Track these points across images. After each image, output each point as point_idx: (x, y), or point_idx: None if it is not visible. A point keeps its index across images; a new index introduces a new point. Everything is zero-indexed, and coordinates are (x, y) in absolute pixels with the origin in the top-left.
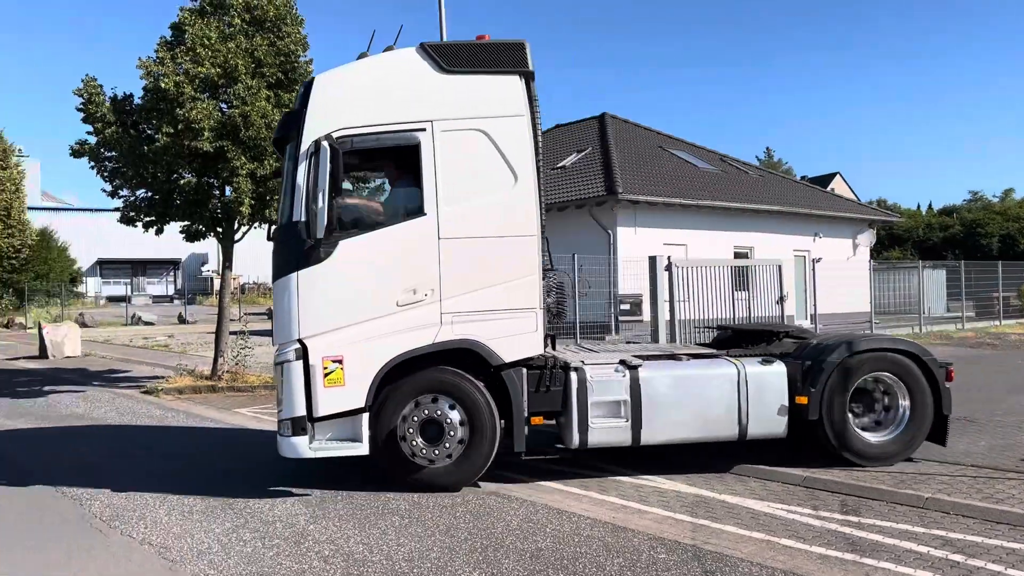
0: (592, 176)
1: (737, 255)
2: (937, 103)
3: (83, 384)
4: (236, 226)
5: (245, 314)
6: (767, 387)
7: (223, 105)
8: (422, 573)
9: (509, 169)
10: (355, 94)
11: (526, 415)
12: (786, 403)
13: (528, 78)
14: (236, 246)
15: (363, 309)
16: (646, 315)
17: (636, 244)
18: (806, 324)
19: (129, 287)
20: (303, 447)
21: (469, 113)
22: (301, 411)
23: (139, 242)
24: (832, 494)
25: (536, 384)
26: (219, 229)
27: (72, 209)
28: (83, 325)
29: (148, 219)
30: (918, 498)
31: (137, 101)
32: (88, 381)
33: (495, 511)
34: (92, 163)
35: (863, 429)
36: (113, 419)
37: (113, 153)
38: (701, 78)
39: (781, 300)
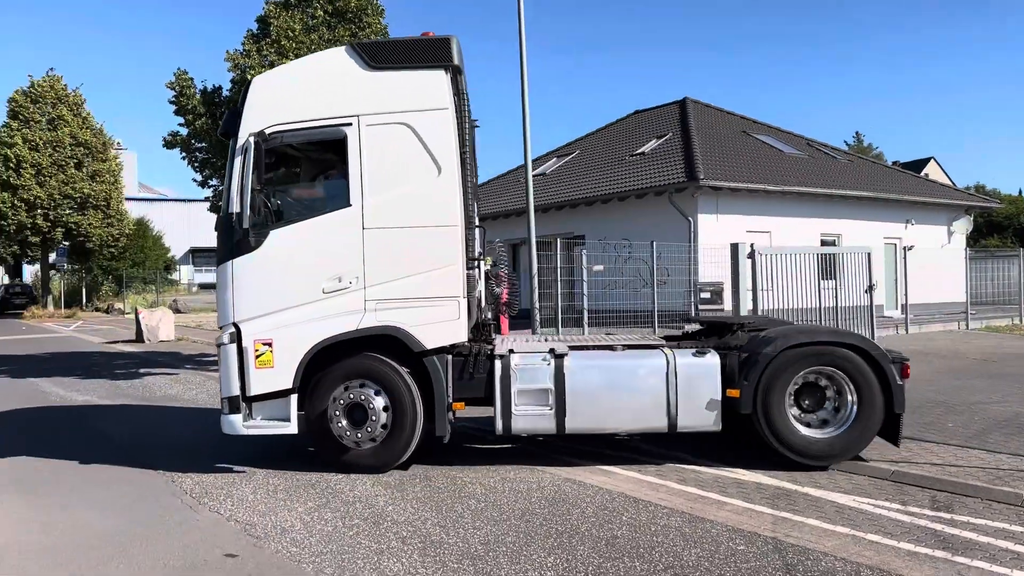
0: (672, 162)
1: (824, 243)
2: None
3: (176, 367)
4: None
5: None
6: (697, 379)
7: None
8: (497, 557)
9: (433, 161)
10: (288, 92)
11: (448, 401)
12: (718, 396)
13: (455, 72)
14: None
15: (292, 295)
16: (727, 304)
17: (717, 231)
18: (895, 314)
19: None
20: (238, 424)
21: (394, 108)
22: (235, 391)
23: None
24: (922, 489)
25: (461, 371)
26: None
27: (167, 200)
28: (176, 311)
29: None
30: (1016, 496)
31: (226, 93)
32: (181, 364)
33: (571, 498)
34: (183, 153)
35: (808, 425)
36: (204, 401)
37: (203, 144)
38: (788, 57)
39: (870, 289)
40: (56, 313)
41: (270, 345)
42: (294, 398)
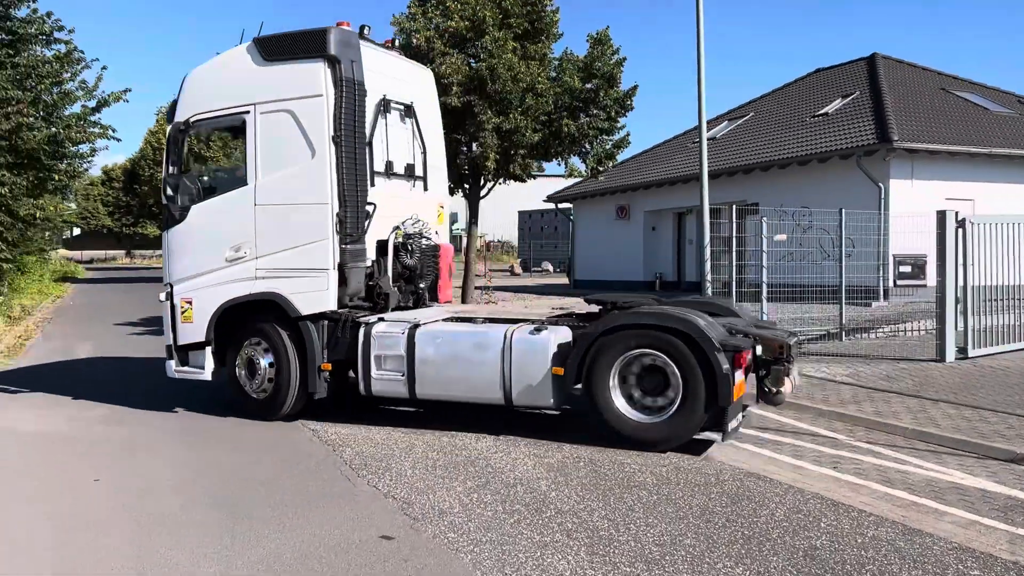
0: (860, 123)
1: None
2: None
3: None
4: (482, 182)
5: (490, 271)
6: (531, 355)
7: (471, 61)
8: (676, 562)
9: (308, 144)
10: (207, 85)
11: (319, 362)
12: (549, 374)
13: (332, 62)
14: (482, 205)
15: (205, 262)
16: (930, 279)
17: (912, 198)
18: None
19: None
20: (171, 369)
21: (281, 96)
22: (170, 340)
23: None
24: None
25: (331, 335)
26: (466, 186)
27: None
28: None
29: None
30: None
31: None
32: None
33: (756, 496)
34: None
35: (646, 408)
36: None
37: None
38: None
39: None
40: None
41: (190, 303)
42: (209, 350)
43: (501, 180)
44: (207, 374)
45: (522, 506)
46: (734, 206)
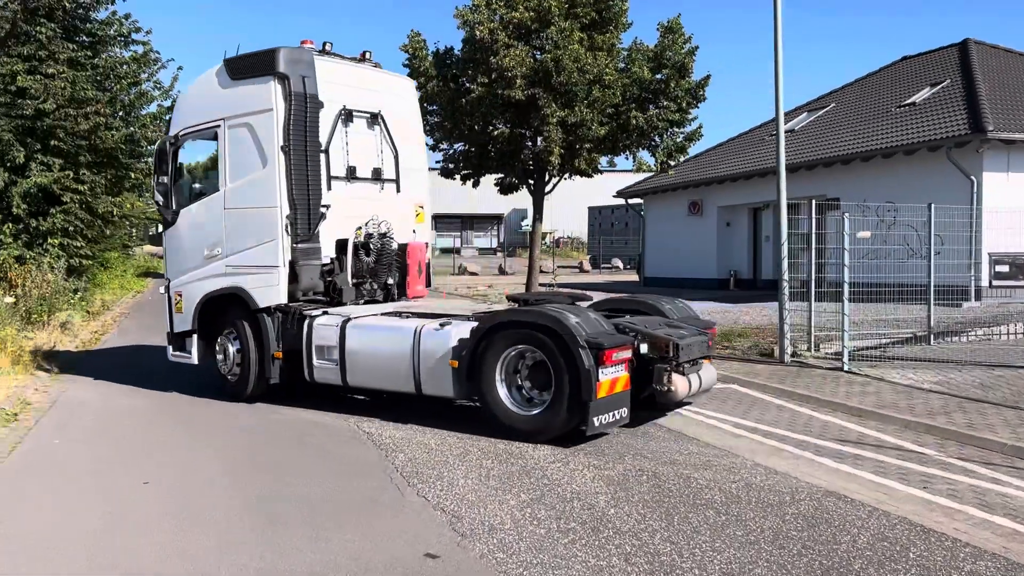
0: (951, 113)
1: None
2: None
3: None
4: (547, 177)
5: (558, 267)
6: (434, 349)
7: (536, 53)
8: None
9: (262, 154)
10: (191, 102)
11: (272, 351)
12: (448, 366)
13: (282, 79)
14: (552, 201)
15: (189, 260)
16: None
17: (1008, 193)
18: None
19: (459, 239)
20: (169, 354)
21: (242, 111)
22: (168, 328)
23: (468, 198)
24: None
25: (281, 327)
26: (531, 181)
27: None
28: None
29: (465, 172)
30: None
31: (457, 53)
32: None
33: (835, 519)
34: None
35: (528, 402)
36: None
37: (435, 107)
38: None
39: None
40: None
41: (181, 296)
42: (195, 337)
43: (566, 175)
44: (195, 359)
45: (578, 524)
46: (813, 201)
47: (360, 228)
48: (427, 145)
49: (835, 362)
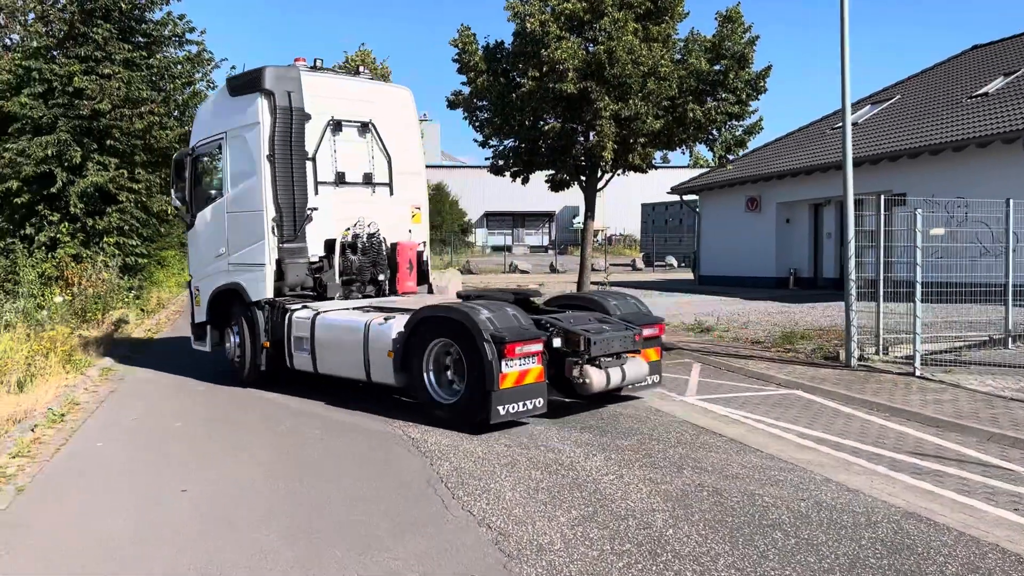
0: None
1: None
2: None
3: None
4: (599, 173)
5: (610, 265)
6: (379, 341)
7: (588, 45)
8: None
9: (252, 162)
10: (204, 117)
11: (262, 340)
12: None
13: (268, 94)
14: (604, 198)
15: (204, 258)
16: None
17: None
18: None
19: (510, 237)
20: (192, 343)
21: (238, 124)
22: (191, 320)
23: (520, 196)
24: None
25: (268, 319)
26: (582, 177)
27: (463, 166)
28: (467, 271)
29: (515, 168)
30: None
31: (507, 47)
32: None
33: (918, 545)
34: (465, 113)
35: (454, 391)
36: None
37: (484, 102)
38: None
39: None
40: None
41: (199, 291)
42: (209, 328)
43: (620, 171)
44: (208, 347)
45: (633, 546)
46: (882, 196)
47: (348, 229)
48: (477, 142)
49: (906, 367)
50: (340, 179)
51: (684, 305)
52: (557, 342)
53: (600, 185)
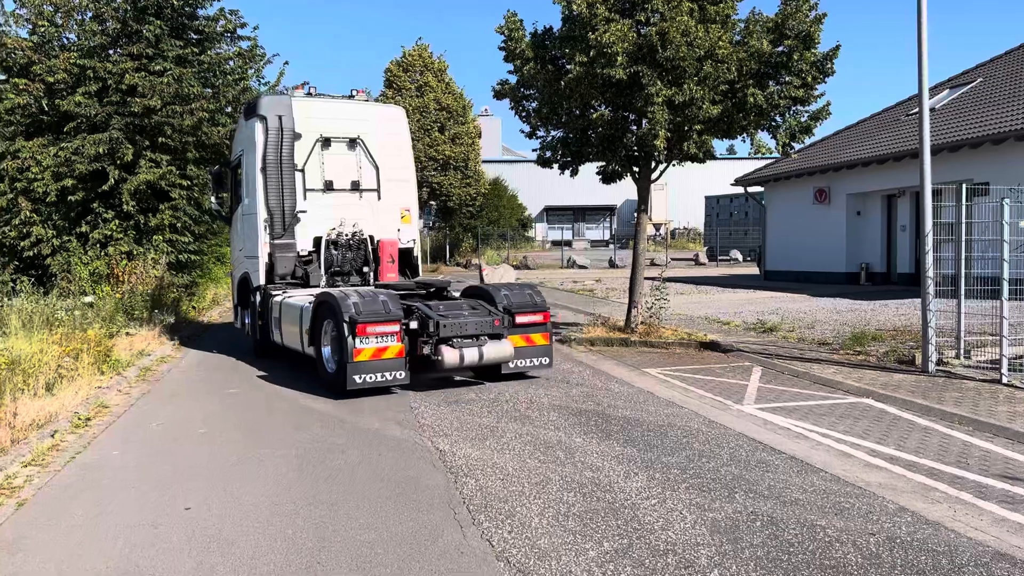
0: None
1: None
2: None
3: None
4: (652, 164)
5: (671, 259)
6: (307, 320)
7: (639, 27)
8: None
9: (252, 174)
10: (237, 136)
11: (260, 320)
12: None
13: (263, 119)
14: (668, 190)
15: (233, 251)
16: None
17: None
18: None
19: (570, 232)
20: (235, 323)
21: (247, 143)
22: (232, 304)
23: (580, 190)
24: None
25: (260, 302)
26: (635, 169)
27: (523, 161)
28: (524, 267)
29: (564, 160)
30: None
31: (556, 34)
32: None
33: None
34: (511, 103)
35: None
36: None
37: (531, 91)
38: None
39: None
40: (423, 268)
41: (232, 278)
42: (239, 308)
43: (675, 161)
44: (237, 324)
45: None
46: (964, 185)
47: (333, 228)
48: (524, 133)
49: (991, 372)
50: (328, 186)
51: (746, 303)
52: (413, 324)
53: (654, 176)
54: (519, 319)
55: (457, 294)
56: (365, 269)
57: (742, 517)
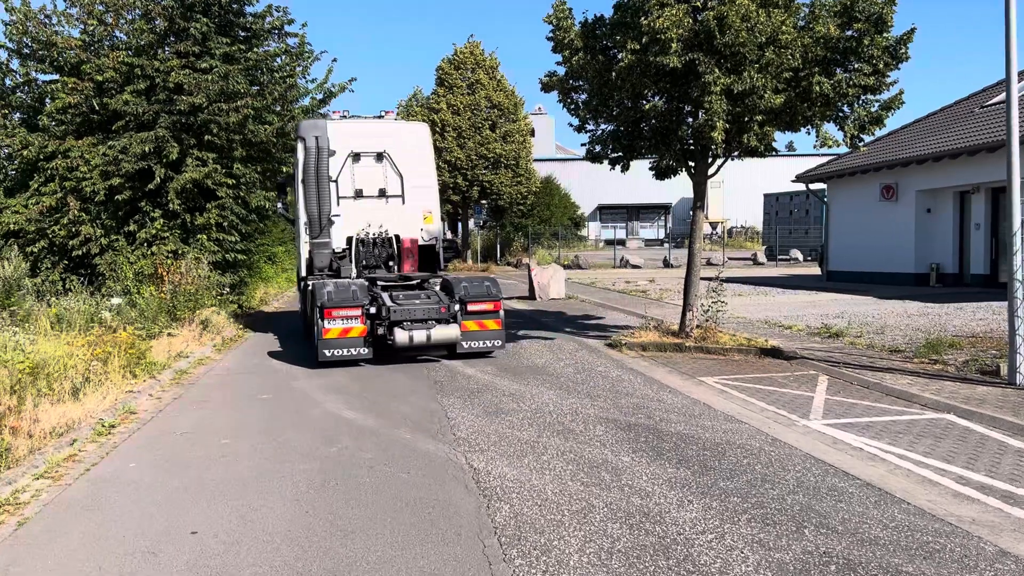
0: None
1: None
2: None
3: (555, 330)
4: (709, 158)
5: (728, 259)
6: (309, 299)
7: (695, 13)
8: None
9: (297, 184)
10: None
11: (314, 305)
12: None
13: (302, 140)
14: (725, 188)
15: (295, 249)
16: None
17: None
18: None
19: (624, 231)
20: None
21: (297, 159)
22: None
23: (634, 188)
24: None
25: (303, 289)
26: (690, 164)
27: (575, 159)
28: (576, 267)
29: (614, 155)
30: None
31: (607, 23)
32: (561, 327)
33: None
34: (559, 96)
35: None
36: (568, 376)
37: (580, 82)
38: None
39: None
40: (473, 267)
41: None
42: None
43: (733, 155)
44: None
45: None
46: None
47: (363, 229)
48: (572, 127)
49: None
50: (359, 194)
51: (809, 305)
52: (372, 310)
53: (711, 172)
54: (471, 307)
55: (438, 286)
56: (391, 263)
57: (813, 559)
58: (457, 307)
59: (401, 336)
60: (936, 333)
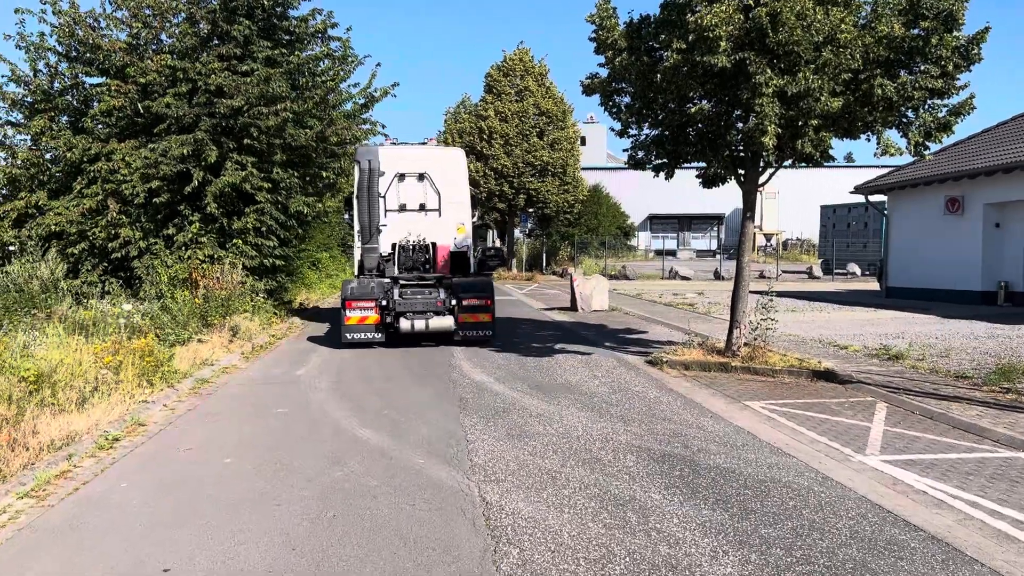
0: None
1: None
2: None
3: (594, 344)
4: (760, 165)
5: (781, 272)
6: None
7: (746, 10)
8: None
9: (354, 199)
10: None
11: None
12: None
13: (358, 163)
14: (780, 199)
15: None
16: None
17: None
18: None
19: (675, 241)
20: None
21: (355, 179)
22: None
23: (687, 197)
24: None
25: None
26: (740, 171)
27: (624, 168)
28: (623, 277)
29: (658, 161)
30: None
31: (653, 23)
32: (600, 341)
33: None
34: (602, 99)
35: None
36: (602, 396)
37: (623, 84)
38: None
39: None
40: (518, 275)
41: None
42: None
43: (787, 162)
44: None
45: None
46: None
47: (404, 237)
48: (614, 132)
49: None
50: (402, 208)
51: (867, 323)
52: (384, 303)
53: (762, 180)
54: (465, 302)
55: (445, 287)
56: (426, 265)
57: None
58: (454, 302)
59: (404, 324)
60: (1007, 358)
